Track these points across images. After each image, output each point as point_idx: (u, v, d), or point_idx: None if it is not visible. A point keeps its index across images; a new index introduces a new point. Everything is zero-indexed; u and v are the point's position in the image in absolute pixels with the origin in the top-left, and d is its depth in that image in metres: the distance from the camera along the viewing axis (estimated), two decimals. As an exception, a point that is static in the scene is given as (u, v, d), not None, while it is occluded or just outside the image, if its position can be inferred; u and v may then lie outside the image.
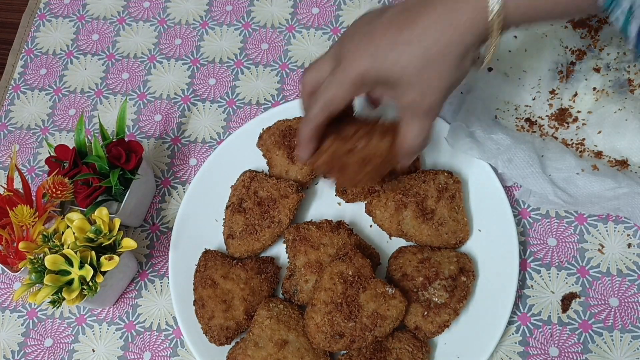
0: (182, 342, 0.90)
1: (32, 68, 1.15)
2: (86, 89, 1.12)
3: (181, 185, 1.01)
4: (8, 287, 0.97)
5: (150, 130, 1.07)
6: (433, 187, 0.89)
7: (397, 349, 0.81)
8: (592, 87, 0.97)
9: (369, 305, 0.79)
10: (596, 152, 0.93)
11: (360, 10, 1.13)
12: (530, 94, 0.99)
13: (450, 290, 0.83)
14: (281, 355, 0.80)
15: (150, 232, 0.98)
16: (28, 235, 0.83)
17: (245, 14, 1.16)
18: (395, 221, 0.88)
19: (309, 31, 1.13)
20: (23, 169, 1.06)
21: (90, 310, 0.94)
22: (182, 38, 1.15)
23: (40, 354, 0.92)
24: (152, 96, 1.10)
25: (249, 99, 1.08)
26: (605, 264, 0.89)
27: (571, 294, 0.87)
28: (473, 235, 0.90)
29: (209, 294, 0.86)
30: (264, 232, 0.90)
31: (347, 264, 0.82)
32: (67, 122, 1.09)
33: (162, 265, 0.96)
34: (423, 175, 0.90)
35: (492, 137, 0.93)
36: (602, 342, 0.84)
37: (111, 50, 1.15)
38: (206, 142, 1.05)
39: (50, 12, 1.21)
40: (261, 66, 1.10)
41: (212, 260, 0.89)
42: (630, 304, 0.86)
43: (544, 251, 0.90)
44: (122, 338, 0.92)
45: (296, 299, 0.86)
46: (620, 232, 0.90)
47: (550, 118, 0.97)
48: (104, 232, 0.82)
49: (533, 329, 0.86)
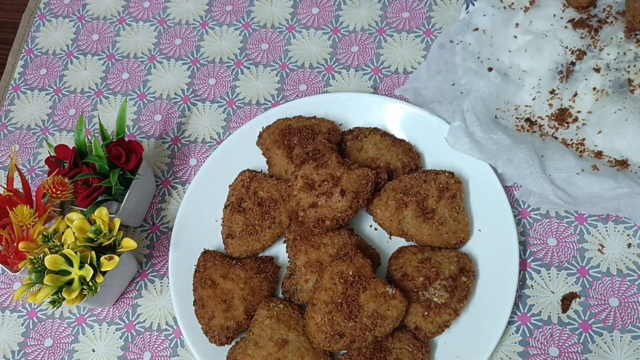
0: (182, 342, 0.90)
1: (32, 68, 1.15)
2: (86, 89, 1.12)
3: (181, 185, 1.01)
4: (8, 287, 0.97)
5: (150, 130, 1.07)
6: (434, 186, 0.89)
7: (397, 349, 0.81)
8: (592, 87, 0.97)
9: (369, 305, 0.79)
10: (596, 152, 0.93)
11: (360, 10, 1.13)
12: (530, 94, 0.99)
13: (450, 291, 0.83)
14: (281, 354, 0.80)
15: (150, 232, 0.98)
16: (28, 235, 0.83)
17: (245, 14, 1.16)
18: (395, 220, 0.88)
19: (309, 31, 1.13)
20: (23, 169, 1.06)
21: (90, 310, 0.94)
22: (182, 38, 1.15)
23: (40, 354, 0.92)
24: (152, 96, 1.10)
25: (249, 99, 1.08)
26: (605, 264, 0.89)
27: (571, 294, 0.87)
28: (473, 235, 0.90)
29: (209, 294, 0.86)
30: (265, 232, 0.90)
31: (347, 263, 0.82)
32: (67, 122, 1.09)
33: (162, 265, 0.96)
34: (424, 174, 0.90)
35: (492, 137, 0.93)
36: (602, 342, 0.84)
37: (111, 50, 1.15)
38: (206, 142, 1.05)
39: (50, 12, 1.21)
40: (261, 66, 1.10)
41: (211, 260, 0.89)
42: (630, 304, 0.86)
43: (544, 251, 0.90)
44: (122, 338, 0.91)
45: (296, 298, 0.86)
46: (620, 232, 0.90)
47: (550, 118, 0.97)
48: (104, 232, 0.82)
49: (533, 329, 0.86)
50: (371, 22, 1.12)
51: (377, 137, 0.95)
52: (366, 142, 0.95)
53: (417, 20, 1.11)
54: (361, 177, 0.86)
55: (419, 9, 1.12)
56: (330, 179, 0.85)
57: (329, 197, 0.84)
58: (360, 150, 0.95)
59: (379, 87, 1.06)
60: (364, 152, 0.94)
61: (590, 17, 1.02)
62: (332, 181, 0.85)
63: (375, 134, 0.95)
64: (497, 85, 0.99)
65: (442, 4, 1.12)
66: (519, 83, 1.00)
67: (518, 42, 1.03)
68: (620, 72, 0.97)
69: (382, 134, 0.96)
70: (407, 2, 1.13)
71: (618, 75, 0.97)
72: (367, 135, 0.95)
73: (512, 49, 1.03)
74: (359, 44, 1.10)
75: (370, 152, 0.94)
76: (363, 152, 0.94)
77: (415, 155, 0.95)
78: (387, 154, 0.94)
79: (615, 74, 0.97)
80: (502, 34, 1.04)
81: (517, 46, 1.03)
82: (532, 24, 1.04)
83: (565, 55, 1.00)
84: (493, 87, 0.98)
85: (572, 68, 1.00)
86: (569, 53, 1.00)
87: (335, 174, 0.86)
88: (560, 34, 1.02)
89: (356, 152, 0.95)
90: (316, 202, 0.85)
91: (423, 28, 1.10)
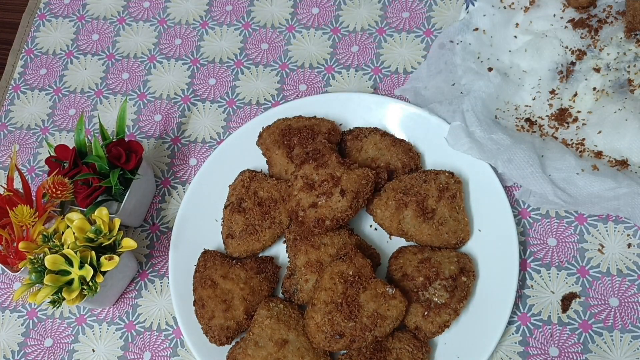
0: (182, 342, 0.90)
1: (32, 68, 1.15)
2: (86, 89, 1.12)
3: (181, 185, 1.01)
4: (8, 287, 0.97)
5: (150, 130, 1.07)
6: (434, 186, 0.89)
7: (397, 349, 0.81)
8: (592, 87, 0.97)
9: (369, 305, 0.79)
10: (596, 152, 0.93)
11: (360, 10, 1.13)
12: (530, 94, 0.99)
13: (450, 291, 0.83)
14: (281, 354, 0.80)
15: (150, 232, 0.98)
16: (28, 235, 0.83)
17: (245, 14, 1.16)
18: (395, 220, 0.88)
19: (309, 31, 1.13)
20: (23, 169, 1.06)
21: (90, 310, 0.94)
22: (182, 38, 1.15)
23: (40, 354, 0.92)
24: (152, 96, 1.10)
25: (249, 99, 1.08)
26: (605, 264, 0.89)
27: (571, 294, 0.87)
28: (473, 235, 0.90)
29: (209, 294, 0.86)
30: (265, 232, 0.90)
31: (347, 263, 0.82)
32: (67, 122, 1.09)
33: (162, 265, 0.96)
34: (424, 174, 0.90)
35: (492, 137, 0.93)
36: (602, 342, 0.84)
37: (111, 50, 1.15)
38: (206, 142, 1.05)
39: (50, 12, 1.21)
40: (261, 66, 1.10)
41: (211, 260, 0.89)
42: (630, 304, 0.86)
43: (544, 251, 0.90)
44: (122, 338, 0.91)
45: (296, 298, 0.86)
46: (620, 232, 0.90)
47: (550, 118, 0.97)
48: (104, 232, 0.82)
49: (533, 329, 0.86)
50: (371, 22, 1.12)
51: (377, 137, 0.95)
52: (366, 142, 0.95)
53: (417, 20, 1.11)
54: (361, 177, 0.86)
55: (419, 9, 1.12)
56: (330, 179, 0.85)
57: (329, 197, 0.84)
58: (360, 150, 0.95)
59: (379, 87, 1.06)
60: (364, 152, 0.94)
61: (590, 17, 1.02)
62: (332, 181, 0.85)
63: (375, 134, 0.95)
64: (497, 85, 0.99)
65: (442, 4, 1.12)
66: (519, 83, 1.00)
67: (518, 42, 1.03)
68: (620, 72, 0.97)
69: (382, 134, 0.96)
70: (407, 2, 1.13)
71: (618, 75, 0.97)
72: (367, 135, 0.95)
73: (512, 49, 1.03)
74: (359, 44, 1.10)
75: (370, 152, 0.94)
76: (363, 152, 0.94)
77: (415, 155, 0.95)
78: (387, 154, 0.94)
79: (615, 74, 0.97)
80: (502, 34, 1.04)
81: (517, 46, 1.03)
82: (532, 24, 1.04)
83: (565, 55, 1.00)
84: (493, 87, 0.98)
85: (572, 68, 1.00)
86: (569, 53, 1.00)
87: (335, 174, 0.86)
88: (560, 34, 1.02)
89: (356, 152, 0.95)
90: (316, 202, 0.85)
91: (423, 28, 1.10)
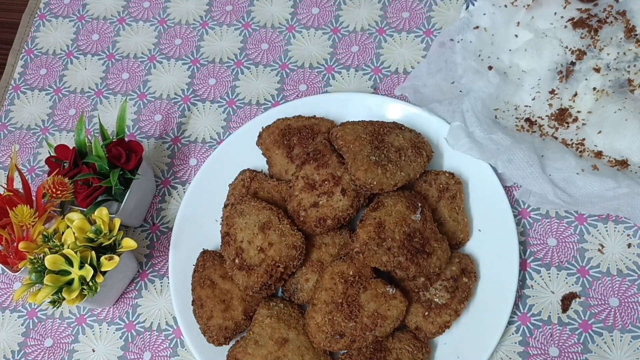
0: (182, 342, 0.90)
1: (32, 68, 1.15)
2: (86, 89, 1.12)
3: (181, 185, 1.01)
4: (8, 287, 0.97)
5: (150, 130, 1.07)
6: (434, 187, 0.89)
7: (398, 349, 0.81)
8: (592, 87, 0.97)
9: (370, 305, 0.79)
10: (596, 152, 0.93)
11: (360, 10, 1.13)
12: (530, 94, 0.99)
13: (451, 291, 0.83)
14: (281, 353, 0.80)
15: (150, 232, 0.98)
16: (28, 235, 0.83)
17: (245, 14, 1.16)
18: (395, 221, 0.88)
19: (309, 31, 1.13)
20: (23, 169, 1.06)
21: (90, 310, 0.94)
22: (182, 38, 1.15)
23: (40, 354, 0.92)
24: (152, 96, 1.10)
25: (249, 99, 1.08)
26: (605, 264, 0.89)
27: (571, 294, 0.87)
28: (473, 236, 0.90)
29: (208, 294, 0.85)
30: (264, 232, 0.90)
31: (348, 263, 0.82)
32: (67, 122, 1.09)
33: (162, 265, 0.96)
34: (424, 175, 0.90)
35: (492, 137, 0.93)
36: (602, 342, 0.84)
37: (111, 50, 1.15)
38: (206, 142, 1.05)
39: (50, 12, 1.21)
40: (261, 66, 1.10)
41: (210, 260, 0.89)
42: (630, 304, 0.86)
43: (544, 251, 0.90)
44: (122, 338, 0.91)
45: (296, 297, 0.86)
46: (620, 232, 0.90)
47: (550, 118, 0.97)
48: (104, 232, 0.81)
49: (533, 329, 0.86)
50: (371, 22, 1.12)
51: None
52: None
53: (417, 20, 1.11)
54: None
55: (419, 9, 1.12)
56: (331, 178, 0.85)
57: (330, 197, 0.84)
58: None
59: (379, 87, 1.06)
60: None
61: (590, 17, 1.02)
62: (332, 181, 0.85)
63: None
64: (496, 85, 0.99)
65: (442, 4, 1.12)
66: (518, 83, 1.00)
67: (518, 41, 1.03)
68: (620, 72, 0.97)
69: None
70: (407, 2, 1.13)
71: (618, 75, 0.97)
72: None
73: (512, 48, 1.03)
74: (359, 44, 1.10)
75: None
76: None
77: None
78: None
79: (615, 74, 0.97)
80: (503, 33, 1.04)
81: (517, 45, 1.03)
82: (534, 19, 1.04)
83: (565, 55, 1.00)
84: (493, 87, 0.98)
85: (572, 68, 1.00)
86: (569, 53, 1.00)
87: (336, 173, 0.86)
88: (560, 33, 1.02)
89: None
90: (317, 201, 0.85)
91: (423, 28, 1.10)
